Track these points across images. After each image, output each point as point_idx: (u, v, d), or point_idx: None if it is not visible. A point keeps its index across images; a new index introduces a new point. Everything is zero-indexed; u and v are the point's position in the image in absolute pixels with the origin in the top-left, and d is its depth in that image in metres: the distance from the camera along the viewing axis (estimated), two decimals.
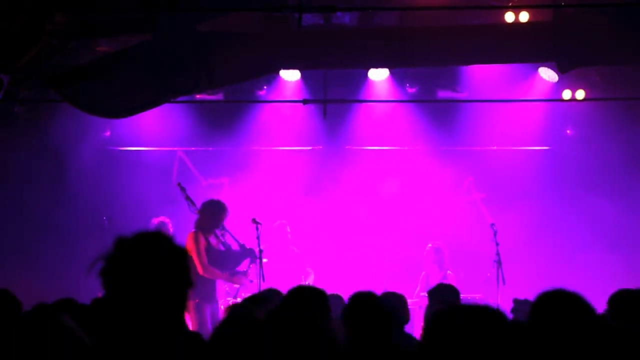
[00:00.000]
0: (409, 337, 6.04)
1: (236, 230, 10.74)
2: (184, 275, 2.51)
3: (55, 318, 3.33)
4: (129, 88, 9.51)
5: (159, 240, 2.48)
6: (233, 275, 9.42)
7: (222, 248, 9.51)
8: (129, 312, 2.42)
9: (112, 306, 2.44)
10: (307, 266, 11.17)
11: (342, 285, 11.84)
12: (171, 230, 10.53)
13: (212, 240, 9.43)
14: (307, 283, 10.66)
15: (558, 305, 2.57)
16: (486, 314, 2.39)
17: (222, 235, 9.54)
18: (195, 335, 4.16)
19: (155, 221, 10.66)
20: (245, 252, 9.53)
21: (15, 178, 11.47)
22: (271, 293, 6.15)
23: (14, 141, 11.34)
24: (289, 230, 11.40)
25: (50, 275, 10.93)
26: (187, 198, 9.65)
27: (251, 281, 9.55)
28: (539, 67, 11.39)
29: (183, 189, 9.69)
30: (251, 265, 9.54)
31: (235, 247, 9.64)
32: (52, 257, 11.37)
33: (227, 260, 9.45)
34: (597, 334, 2.49)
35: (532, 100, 11.90)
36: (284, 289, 5.42)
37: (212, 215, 9.50)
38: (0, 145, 11.31)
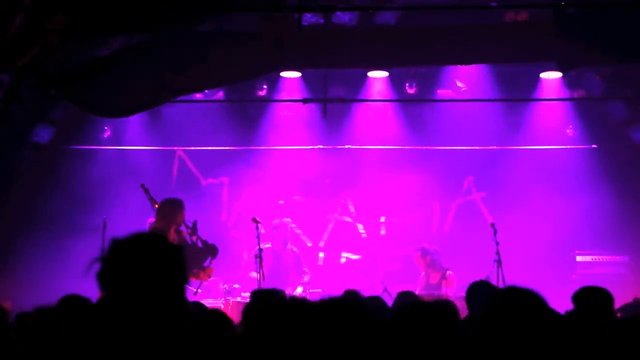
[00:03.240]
0: None
1: (236, 229, 10.72)
2: (179, 274, 2.51)
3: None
4: (129, 88, 9.51)
5: (154, 241, 2.48)
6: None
7: (184, 245, 9.44)
8: (127, 313, 2.42)
9: (111, 307, 2.44)
10: (305, 266, 11.16)
11: (340, 285, 11.87)
12: None
13: (171, 237, 9.34)
14: (304, 281, 10.68)
15: (513, 301, 2.86)
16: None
17: (190, 233, 9.51)
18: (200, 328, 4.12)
19: (150, 220, 10.65)
20: (208, 249, 9.53)
21: (14, 178, 11.46)
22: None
23: (14, 141, 11.33)
24: (289, 228, 11.41)
25: (48, 276, 10.90)
26: (151, 199, 9.67)
27: (209, 277, 9.58)
28: (540, 67, 11.39)
29: (146, 190, 9.70)
30: (212, 262, 9.56)
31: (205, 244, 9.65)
32: (50, 258, 11.36)
33: (188, 257, 9.32)
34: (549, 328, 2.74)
35: (532, 100, 11.89)
36: (283, 287, 5.34)
37: (167, 213, 9.48)
38: None
